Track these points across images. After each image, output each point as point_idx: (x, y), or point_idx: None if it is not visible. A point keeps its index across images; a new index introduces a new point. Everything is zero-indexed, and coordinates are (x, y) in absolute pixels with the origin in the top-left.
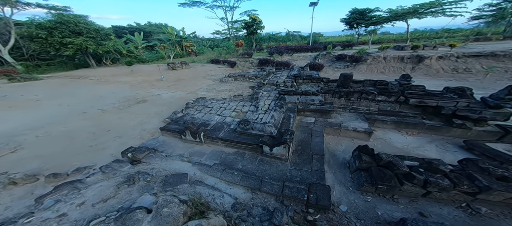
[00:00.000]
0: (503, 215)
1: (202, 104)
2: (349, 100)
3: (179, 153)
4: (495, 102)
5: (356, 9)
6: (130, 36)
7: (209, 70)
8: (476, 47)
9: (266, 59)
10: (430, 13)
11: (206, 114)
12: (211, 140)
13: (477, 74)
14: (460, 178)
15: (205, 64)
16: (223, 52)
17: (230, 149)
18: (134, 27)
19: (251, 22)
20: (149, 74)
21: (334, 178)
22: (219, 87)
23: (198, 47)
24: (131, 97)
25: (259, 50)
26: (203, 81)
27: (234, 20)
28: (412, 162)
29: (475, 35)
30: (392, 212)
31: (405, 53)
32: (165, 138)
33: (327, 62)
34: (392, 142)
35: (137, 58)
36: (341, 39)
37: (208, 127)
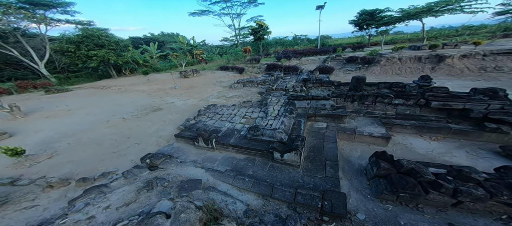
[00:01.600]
0: None
1: (213, 111)
2: (363, 104)
3: (192, 159)
4: None
5: (365, 10)
6: (145, 46)
7: (218, 77)
8: (506, 43)
9: (274, 64)
10: (447, 11)
11: (217, 121)
12: (222, 146)
13: (510, 73)
14: (498, 187)
15: (214, 71)
16: (231, 59)
17: (241, 155)
18: (149, 38)
19: (258, 28)
20: (164, 82)
21: (350, 185)
22: (229, 94)
23: (208, 54)
24: (148, 106)
25: (266, 56)
26: (213, 88)
27: (241, 27)
28: (438, 169)
29: (503, 31)
30: (417, 222)
31: (423, 53)
32: (179, 145)
33: (337, 65)
34: (414, 148)
35: (152, 67)
36: (351, 41)
37: (219, 133)
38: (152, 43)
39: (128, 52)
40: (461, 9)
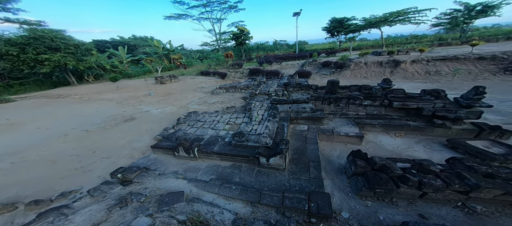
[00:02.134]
0: (498, 213)
1: (194, 118)
2: (338, 106)
3: (173, 170)
4: (466, 102)
5: (335, 18)
6: (113, 50)
7: (199, 83)
8: (441, 51)
9: (256, 69)
10: (399, 21)
11: (199, 128)
12: (205, 154)
13: (446, 76)
14: (450, 177)
15: (195, 76)
16: (212, 64)
17: (226, 163)
18: (118, 41)
19: (239, 33)
20: (136, 89)
21: (332, 184)
22: (211, 99)
23: (187, 59)
24: (118, 116)
25: (248, 60)
26: (194, 94)
27: (222, 32)
28: (404, 163)
29: (438, 41)
30: (393, 216)
31: (383, 59)
32: (157, 156)
33: (314, 69)
34: (383, 145)
35: (122, 73)
36: (325, 47)
37: (201, 141)
38: (121, 47)
39: (91, 56)
40: (409, 20)
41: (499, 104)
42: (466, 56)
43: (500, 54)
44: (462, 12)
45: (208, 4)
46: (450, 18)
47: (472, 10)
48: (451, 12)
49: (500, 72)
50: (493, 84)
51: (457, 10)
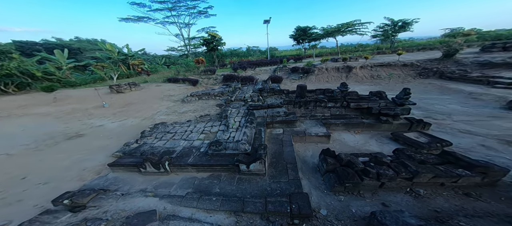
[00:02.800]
0: (435, 194)
1: (162, 130)
2: (307, 109)
3: (139, 188)
4: (400, 101)
5: (299, 27)
6: (46, 54)
7: (167, 90)
8: (379, 58)
9: (231, 75)
10: (348, 32)
11: (169, 141)
12: (179, 167)
13: (384, 79)
14: (398, 167)
15: (161, 83)
16: (181, 70)
17: (204, 174)
18: (53, 43)
19: (211, 39)
20: (84, 100)
21: (309, 184)
22: (182, 108)
23: (150, 65)
24: (58, 133)
25: (222, 66)
26: (161, 104)
27: (191, 37)
28: (364, 158)
29: (377, 50)
30: (363, 207)
31: (339, 65)
32: (117, 174)
33: (284, 74)
34: (346, 141)
35: (61, 81)
36: (293, 53)
37: (173, 154)
38: (59, 51)
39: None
40: (355, 31)
41: (419, 101)
42: (395, 63)
43: (415, 62)
44: (390, 26)
45: (174, 8)
46: (382, 31)
47: (396, 25)
48: (383, 26)
49: (417, 76)
50: (414, 86)
51: (387, 24)
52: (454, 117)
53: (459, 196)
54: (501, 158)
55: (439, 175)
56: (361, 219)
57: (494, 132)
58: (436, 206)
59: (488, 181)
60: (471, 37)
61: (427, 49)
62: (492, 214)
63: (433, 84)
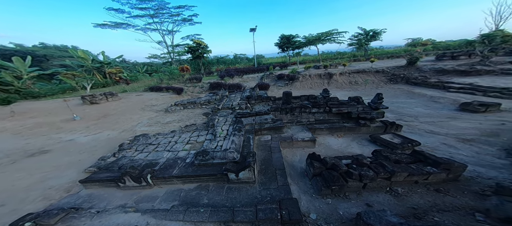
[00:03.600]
0: (411, 192)
1: (143, 142)
2: (293, 115)
3: (118, 204)
4: (375, 105)
5: (284, 35)
6: (2, 62)
7: (148, 100)
8: (355, 65)
9: (218, 82)
10: (327, 40)
11: (151, 153)
12: (163, 180)
13: (361, 85)
14: (377, 167)
15: (142, 93)
16: (165, 78)
17: (190, 185)
18: (11, 49)
19: (196, 46)
20: (49, 113)
21: (298, 188)
22: (165, 119)
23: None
24: (16, 150)
25: (208, 74)
26: (142, 114)
27: (175, 44)
28: (346, 160)
29: (353, 57)
30: (349, 209)
31: (321, 72)
32: (91, 191)
33: (271, 81)
34: (331, 145)
35: (21, 92)
36: (278, 61)
37: (156, 167)
38: (18, 58)
39: None
40: (334, 39)
41: (391, 105)
42: (369, 70)
43: (386, 69)
44: (363, 35)
45: (156, 15)
46: (357, 40)
47: (368, 34)
48: (357, 35)
49: (388, 82)
50: (386, 90)
51: (360, 33)
52: (420, 119)
53: (431, 193)
54: (459, 154)
55: (412, 173)
56: (349, 221)
57: (452, 131)
58: (413, 204)
59: (452, 176)
60: (427, 47)
61: (395, 57)
62: (459, 208)
63: (401, 89)
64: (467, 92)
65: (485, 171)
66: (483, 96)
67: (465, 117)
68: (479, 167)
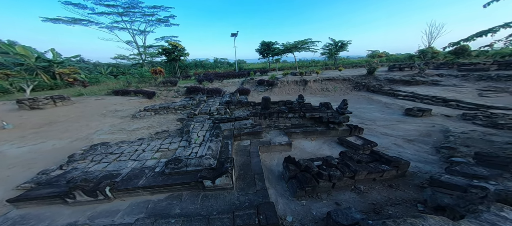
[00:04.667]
0: (371, 189)
1: (102, 152)
2: (272, 120)
3: (65, 222)
4: (341, 110)
5: (264, 41)
6: None
7: (112, 105)
8: (326, 73)
9: (195, 87)
10: (303, 48)
11: (112, 163)
12: (126, 192)
13: (331, 91)
14: (343, 167)
15: (104, 97)
16: (134, 81)
17: (160, 195)
18: None
19: (172, 49)
20: None
21: (276, 192)
22: (132, 125)
23: (90, 74)
24: None
25: (185, 78)
26: (102, 121)
27: (147, 45)
28: (318, 162)
29: (325, 66)
30: (321, 208)
31: (297, 78)
32: (26, 211)
33: (251, 87)
34: (305, 148)
35: None
36: (259, 66)
37: (117, 178)
38: None
39: None
40: (308, 48)
41: (355, 110)
42: (338, 78)
43: (351, 77)
44: (333, 45)
45: (126, 13)
46: (328, 49)
47: (337, 44)
48: (328, 45)
49: (353, 89)
50: (351, 97)
51: (330, 43)
52: (377, 122)
53: (386, 188)
54: (406, 153)
55: (371, 171)
56: (321, 220)
57: (400, 133)
58: (373, 200)
59: (400, 172)
60: (382, 58)
61: (358, 67)
62: (406, 200)
63: (363, 96)
64: (410, 99)
65: (423, 166)
66: (421, 103)
67: (409, 121)
68: (419, 163)
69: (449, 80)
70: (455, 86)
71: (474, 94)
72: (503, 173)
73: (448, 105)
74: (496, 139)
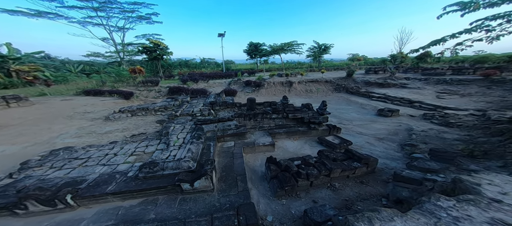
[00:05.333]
0: (345, 185)
1: (65, 157)
2: (256, 121)
3: None
4: (321, 111)
5: (252, 43)
6: None
7: (81, 106)
8: (310, 75)
9: (179, 87)
10: (289, 50)
11: (76, 169)
12: (92, 199)
13: (314, 93)
14: (320, 166)
15: (72, 97)
16: (109, 80)
17: (133, 201)
18: None
19: (153, 47)
20: None
21: (258, 192)
22: (104, 128)
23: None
24: None
25: (168, 78)
26: (68, 124)
27: (126, 43)
28: (297, 161)
29: (310, 68)
30: (299, 207)
31: (283, 80)
32: None
33: (239, 87)
34: (288, 148)
35: None
36: (247, 67)
37: (82, 184)
38: None
39: None
40: (294, 50)
41: (335, 111)
42: (321, 79)
43: (333, 80)
44: (317, 48)
45: (102, 8)
46: (312, 52)
47: (321, 47)
48: (313, 48)
49: (334, 91)
50: (331, 98)
51: (314, 46)
52: (354, 122)
53: (358, 185)
54: (376, 150)
55: (344, 168)
56: (299, 218)
57: (372, 132)
58: (346, 196)
59: (370, 169)
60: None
61: (340, 69)
62: (374, 196)
63: (343, 97)
64: (383, 100)
65: (389, 163)
66: (391, 104)
67: (380, 120)
68: (386, 159)
69: (414, 83)
70: (418, 89)
71: (433, 96)
72: (449, 166)
73: (413, 106)
74: (447, 136)
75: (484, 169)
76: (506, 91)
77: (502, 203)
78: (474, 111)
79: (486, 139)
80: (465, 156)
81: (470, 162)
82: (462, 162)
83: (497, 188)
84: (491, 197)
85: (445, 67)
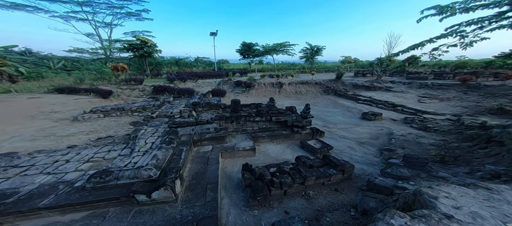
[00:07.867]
0: (319, 194)
1: (1, 165)
2: (239, 124)
3: None
4: (304, 114)
5: (245, 42)
6: None
7: (49, 105)
8: (301, 77)
9: (164, 86)
10: (282, 51)
11: (11, 178)
12: (19, 215)
13: (304, 95)
14: (294, 173)
15: (42, 95)
16: (89, 78)
17: (76, 215)
18: None
19: (140, 44)
20: None
21: (230, 202)
22: (68, 130)
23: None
24: None
25: (155, 76)
26: (27, 125)
27: (114, 39)
28: (274, 168)
29: (302, 69)
30: (270, 218)
31: (274, 81)
32: None
33: (229, 88)
34: (269, 152)
35: None
36: (240, 67)
37: (11, 198)
38: None
39: None
40: (286, 51)
41: (321, 114)
42: (311, 81)
43: (322, 82)
44: (309, 49)
45: (88, 2)
46: (305, 53)
47: (313, 49)
48: (305, 49)
49: (323, 93)
50: (320, 100)
51: (307, 48)
52: (338, 126)
53: (332, 193)
54: (356, 155)
55: (319, 176)
56: None
57: (355, 136)
58: (318, 205)
59: (346, 176)
60: (351, 64)
61: (330, 71)
62: (346, 205)
63: (331, 99)
64: (368, 103)
65: (367, 168)
66: (376, 107)
67: (364, 124)
68: (364, 165)
69: (399, 87)
70: (402, 92)
71: (415, 100)
72: (420, 173)
73: (395, 110)
74: (424, 140)
75: (452, 176)
76: (480, 97)
77: (452, 219)
78: (451, 116)
79: (458, 144)
80: (437, 161)
81: (441, 168)
82: (433, 169)
83: (452, 202)
84: (444, 212)
85: (427, 72)
